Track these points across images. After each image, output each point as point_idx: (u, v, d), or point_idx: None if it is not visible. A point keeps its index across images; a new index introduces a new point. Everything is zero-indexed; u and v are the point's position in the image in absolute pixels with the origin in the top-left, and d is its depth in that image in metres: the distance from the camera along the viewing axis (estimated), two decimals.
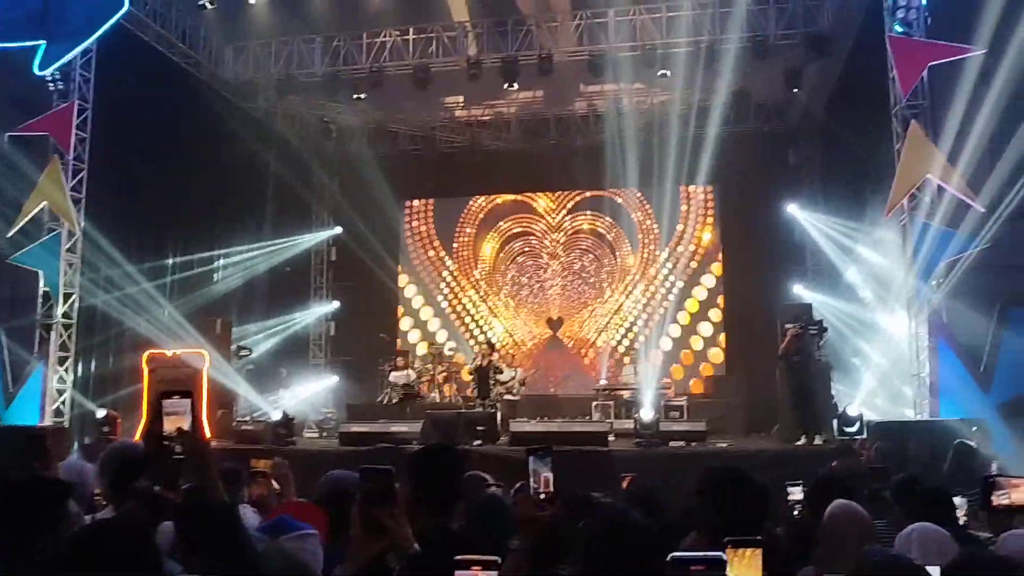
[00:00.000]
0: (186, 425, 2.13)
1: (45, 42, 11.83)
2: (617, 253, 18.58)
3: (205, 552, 1.90)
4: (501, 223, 19.12)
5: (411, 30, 15.20)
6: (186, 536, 1.95)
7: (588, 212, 18.82)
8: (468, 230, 19.20)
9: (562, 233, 18.89)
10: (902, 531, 3.36)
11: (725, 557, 1.65)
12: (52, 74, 12.09)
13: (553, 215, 18.99)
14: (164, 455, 2.13)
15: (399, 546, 2.01)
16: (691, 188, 17.92)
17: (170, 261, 14.62)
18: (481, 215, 19.20)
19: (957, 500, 3.86)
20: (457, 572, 1.78)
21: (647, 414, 11.37)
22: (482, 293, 18.97)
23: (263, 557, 2.12)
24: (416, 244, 19.33)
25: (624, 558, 2.10)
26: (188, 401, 2.16)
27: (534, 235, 18.97)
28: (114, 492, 2.67)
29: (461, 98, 18.44)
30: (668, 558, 1.64)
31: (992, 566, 2.02)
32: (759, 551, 1.69)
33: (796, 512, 4.07)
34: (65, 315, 12.25)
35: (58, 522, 2.16)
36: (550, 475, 2.66)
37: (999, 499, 2.17)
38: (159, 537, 2.01)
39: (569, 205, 18.96)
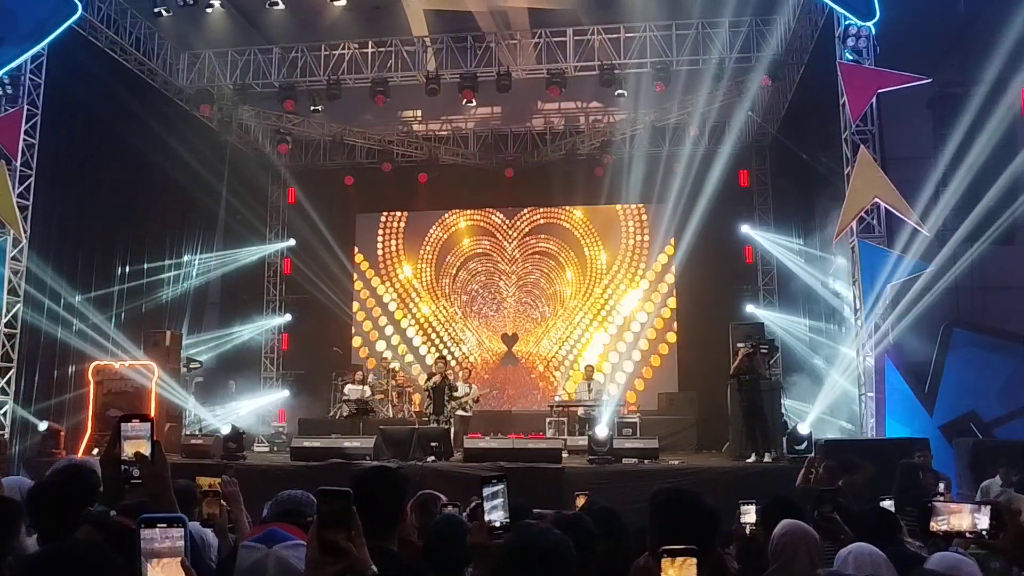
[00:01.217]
0: (145, 450, 2.11)
1: None
2: (572, 269, 18.66)
3: None
4: (457, 234, 19.09)
5: (370, 43, 15.17)
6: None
7: (545, 225, 18.89)
8: (423, 242, 19.13)
9: (518, 245, 18.92)
10: (840, 551, 3.45)
11: None
12: (1, 78, 11.82)
13: (510, 226, 19.01)
14: (122, 479, 2.11)
15: (356, 569, 1.99)
16: (644, 206, 18.15)
17: (119, 271, 14.35)
18: (436, 226, 19.15)
19: (885, 503, 3.99)
20: None
21: (601, 431, 11.44)
22: (437, 307, 18.90)
23: (260, 563, 2.12)
24: (370, 257, 19.21)
25: (541, 573, 2.12)
26: (148, 425, 2.14)
27: (491, 247, 18.97)
28: (59, 514, 2.60)
29: (419, 112, 18.48)
30: None
31: None
32: (694, 559, 1.74)
33: (749, 531, 4.13)
34: (8, 324, 11.93)
35: (10, 541, 2.11)
36: (505, 503, 2.66)
37: (938, 525, 2.23)
38: None
39: (524, 219, 18.99)
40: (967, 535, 2.21)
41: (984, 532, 2.15)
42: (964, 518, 2.19)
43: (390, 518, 2.70)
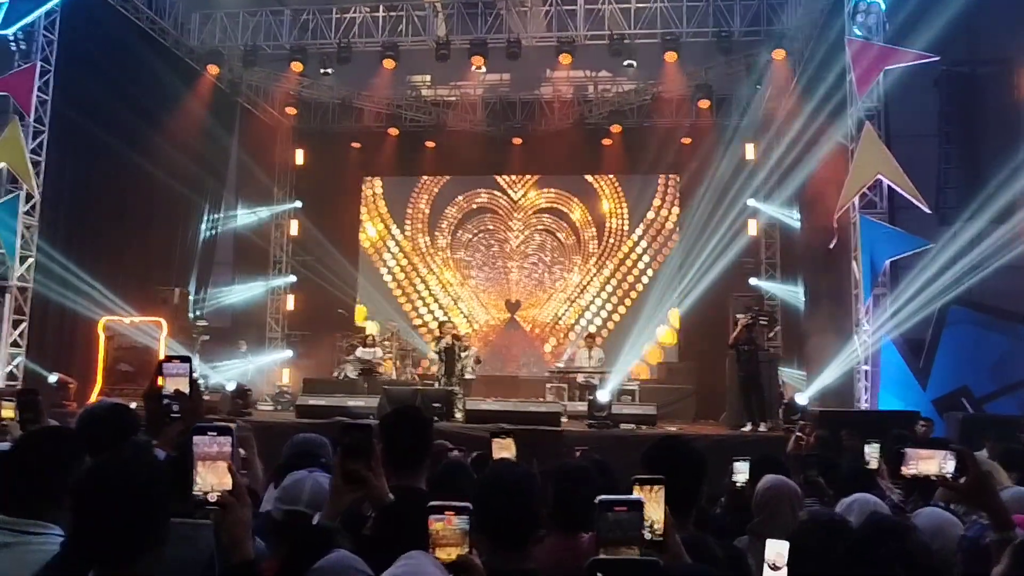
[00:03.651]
0: (184, 388, 2.33)
1: (8, 0, 11.70)
2: (577, 238, 18.79)
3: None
4: (464, 200, 19.22)
5: (381, 7, 15.19)
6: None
7: (551, 194, 18.99)
8: (429, 208, 19.26)
9: (524, 213, 19.05)
10: (843, 498, 3.62)
11: (644, 499, 1.87)
12: (14, 33, 11.92)
13: (515, 192, 19.12)
14: (163, 413, 2.33)
15: (375, 496, 2.20)
16: (650, 177, 18.26)
17: (128, 228, 14.49)
18: (443, 192, 19.26)
19: (868, 448, 4.20)
20: (431, 517, 1.95)
21: (603, 396, 11.66)
22: (441, 272, 19.07)
23: (300, 482, 2.36)
24: (377, 221, 19.35)
25: (508, 502, 2.37)
26: (187, 366, 2.36)
27: (497, 213, 19.11)
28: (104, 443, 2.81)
29: (428, 77, 18.50)
30: (596, 500, 1.85)
31: (897, 524, 2.27)
32: (662, 487, 1.92)
33: (739, 486, 4.34)
34: (21, 278, 12.13)
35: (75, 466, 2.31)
36: (512, 459, 2.88)
37: (908, 469, 2.44)
38: None
39: (530, 187, 19.09)
40: (933, 478, 2.42)
41: (949, 476, 2.36)
42: (932, 463, 2.39)
43: (416, 457, 2.89)
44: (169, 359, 2.38)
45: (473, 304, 18.86)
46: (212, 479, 1.93)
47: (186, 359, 2.39)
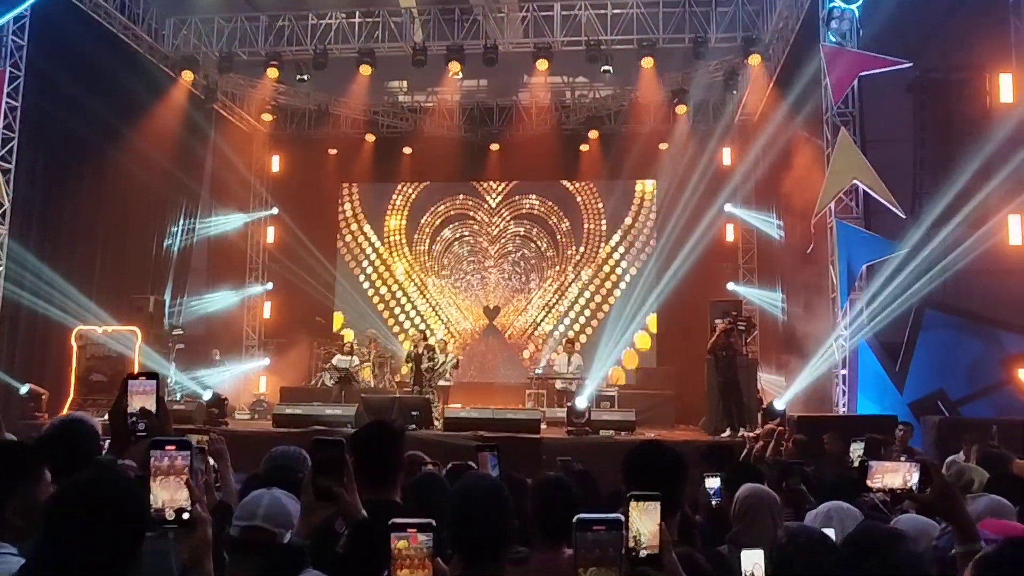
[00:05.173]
0: (151, 405, 2.26)
1: None
2: (554, 244, 18.78)
3: None
4: (441, 206, 19.16)
5: (357, 13, 15.12)
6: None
7: (529, 199, 18.97)
8: (407, 214, 19.19)
9: (501, 219, 19.02)
10: (818, 507, 3.60)
11: (622, 518, 1.84)
12: None
13: (493, 200, 19.09)
14: (128, 432, 2.26)
15: (347, 512, 2.16)
16: (628, 183, 18.31)
17: (102, 236, 14.31)
18: (420, 198, 19.20)
19: (854, 446, 4.18)
20: (393, 535, 1.89)
21: (581, 402, 11.64)
22: (419, 278, 18.99)
23: (257, 497, 2.31)
24: (354, 227, 19.25)
25: (480, 514, 2.35)
26: (154, 382, 2.29)
27: (474, 220, 19.07)
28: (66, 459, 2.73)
29: (405, 83, 18.45)
30: (574, 519, 1.82)
31: (885, 535, 2.24)
32: (658, 503, 1.89)
33: (715, 504, 4.32)
34: None
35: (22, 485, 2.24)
36: (498, 472, 2.84)
37: (873, 482, 2.43)
38: None
39: (507, 193, 19.06)
40: (899, 491, 2.41)
41: (914, 487, 2.36)
42: (897, 476, 2.39)
43: (388, 471, 2.85)
44: (135, 375, 2.31)
45: (451, 311, 18.79)
46: (165, 495, 1.87)
47: (153, 375, 2.32)
